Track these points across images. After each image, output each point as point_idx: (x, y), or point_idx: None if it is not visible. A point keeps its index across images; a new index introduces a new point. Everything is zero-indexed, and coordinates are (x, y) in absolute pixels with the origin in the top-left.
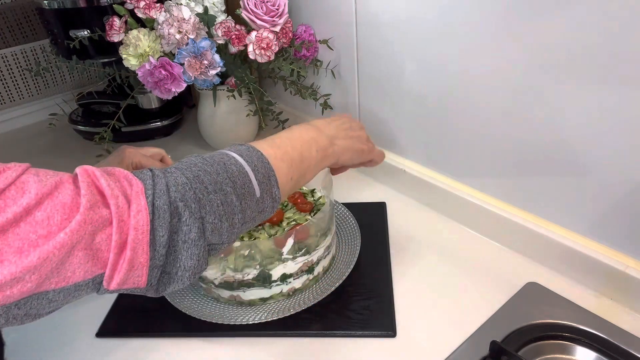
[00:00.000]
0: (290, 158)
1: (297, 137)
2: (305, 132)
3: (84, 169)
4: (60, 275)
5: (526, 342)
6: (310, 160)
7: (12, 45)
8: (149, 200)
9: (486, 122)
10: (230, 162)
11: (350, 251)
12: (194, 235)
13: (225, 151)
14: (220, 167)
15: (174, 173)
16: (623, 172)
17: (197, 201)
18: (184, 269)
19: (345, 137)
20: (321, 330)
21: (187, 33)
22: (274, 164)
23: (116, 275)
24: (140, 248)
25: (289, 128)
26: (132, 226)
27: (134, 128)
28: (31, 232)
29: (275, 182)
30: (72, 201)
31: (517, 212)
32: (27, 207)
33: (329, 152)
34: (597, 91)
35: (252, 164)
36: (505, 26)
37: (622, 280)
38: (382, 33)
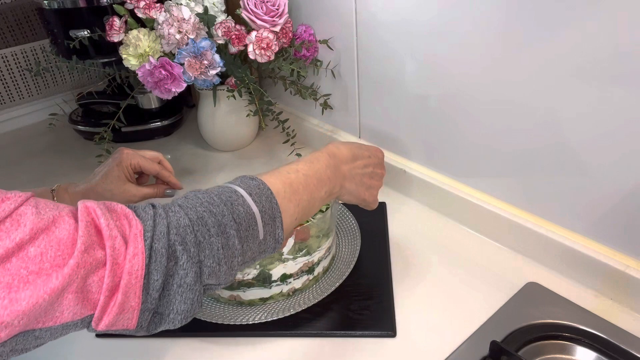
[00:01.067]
0: (299, 199)
1: (313, 174)
2: (325, 168)
3: (84, 206)
4: (49, 315)
5: (526, 342)
6: (317, 201)
7: (12, 45)
8: (147, 244)
9: (486, 122)
10: (238, 201)
11: (350, 251)
12: (190, 279)
13: (234, 187)
14: (226, 207)
15: (177, 213)
16: (623, 173)
17: (196, 245)
18: (177, 312)
19: (357, 183)
20: (321, 330)
21: (187, 33)
22: (282, 205)
23: (105, 317)
24: (132, 292)
25: (314, 156)
26: (126, 270)
27: (134, 128)
28: (22, 268)
29: (280, 223)
30: (68, 238)
31: (517, 212)
32: (21, 242)
33: (335, 193)
34: (598, 91)
35: (260, 205)
36: (506, 26)
37: (622, 280)
38: (382, 33)
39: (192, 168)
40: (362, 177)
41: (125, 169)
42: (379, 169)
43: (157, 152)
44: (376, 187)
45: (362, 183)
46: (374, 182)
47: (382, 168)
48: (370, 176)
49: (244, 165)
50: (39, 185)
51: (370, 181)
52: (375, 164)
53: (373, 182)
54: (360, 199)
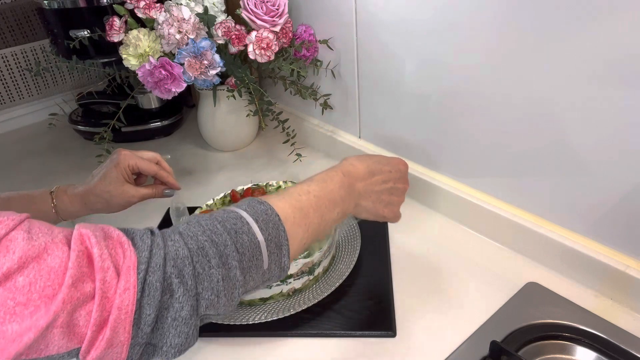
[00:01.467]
0: (309, 223)
1: (325, 195)
2: (338, 188)
3: (79, 233)
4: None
5: (526, 342)
6: (329, 223)
7: (12, 45)
8: (140, 277)
9: (486, 123)
10: (243, 229)
11: (350, 251)
12: (186, 313)
13: (240, 212)
14: (229, 237)
15: (177, 242)
16: (623, 173)
17: (195, 277)
18: (170, 346)
19: (375, 201)
20: (321, 330)
21: (187, 33)
22: (290, 231)
23: (93, 352)
24: (121, 328)
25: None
26: (116, 305)
27: (134, 128)
28: (9, 299)
29: (287, 251)
30: (60, 266)
31: (517, 212)
32: (8, 271)
33: (349, 213)
34: (598, 92)
35: (267, 232)
36: (506, 25)
37: (622, 280)
38: (382, 33)
39: (192, 168)
40: (379, 193)
41: (123, 170)
42: (400, 183)
43: (155, 153)
44: (397, 203)
45: (380, 200)
46: (394, 197)
47: (404, 182)
48: (389, 192)
49: (244, 165)
50: (39, 185)
51: (390, 197)
52: (396, 179)
53: (393, 198)
54: (378, 216)
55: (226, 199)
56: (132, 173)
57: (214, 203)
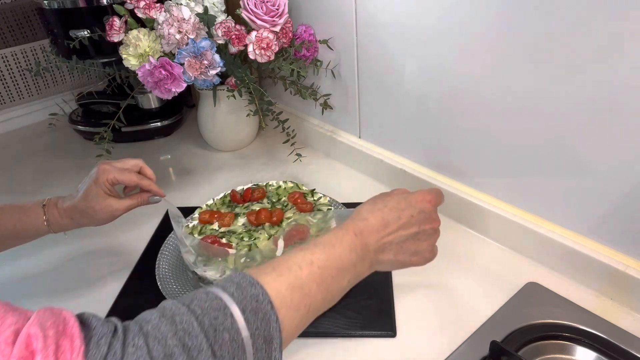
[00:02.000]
0: (311, 302)
1: (332, 264)
2: (348, 252)
3: (27, 334)
4: None
5: (526, 342)
6: (336, 294)
7: (12, 45)
8: None
9: (486, 122)
10: (225, 325)
11: None
12: None
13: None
14: (206, 337)
15: (139, 350)
16: (623, 173)
17: None
18: None
19: (397, 252)
20: (321, 330)
21: (187, 33)
22: (285, 317)
23: None
24: None
25: (336, 236)
26: None
27: (134, 128)
28: None
29: (278, 344)
30: None
31: (517, 212)
32: None
33: (364, 274)
34: (598, 91)
35: (254, 326)
36: (506, 25)
37: (622, 280)
38: (382, 33)
39: (192, 168)
40: (401, 244)
41: (102, 185)
42: (428, 224)
43: (138, 160)
44: (426, 248)
45: (404, 250)
46: (422, 243)
47: (431, 221)
48: (415, 238)
49: (244, 165)
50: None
51: (417, 244)
52: (422, 220)
53: (420, 243)
54: (405, 266)
55: (226, 199)
56: (113, 186)
57: (214, 203)
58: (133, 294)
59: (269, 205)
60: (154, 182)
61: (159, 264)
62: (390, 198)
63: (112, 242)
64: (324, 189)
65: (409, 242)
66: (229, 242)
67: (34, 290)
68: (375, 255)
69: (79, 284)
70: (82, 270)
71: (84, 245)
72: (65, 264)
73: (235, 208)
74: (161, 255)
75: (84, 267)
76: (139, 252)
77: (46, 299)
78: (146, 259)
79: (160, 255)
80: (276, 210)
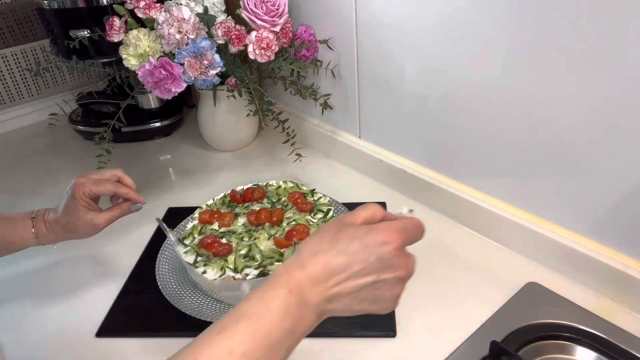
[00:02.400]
0: None
1: (258, 346)
2: (280, 321)
3: None
4: None
5: (526, 342)
6: None
7: (12, 45)
8: None
9: (486, 122)
10: None
11: None
12: None
13: None
14: None
15: None
16: (623, 173)
17: None
18: None
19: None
20: (321, 330)
21: (187, 33)
22: None
23: None
24: None
25: (264, 303)
26: None
27: (134, 128)
28: None
29: None
30: None
31: (517, 212)
32: None
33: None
34: (598, 91)
35: None
36: (506, 26)
37: (622, 280)
38: (382, 33)
39: (192, 168)
40: (355, 294)
41: (79, 200)
42: (390, 272)
43: (116, 170)
44: (390, 298)
45: (359, 300)
46: (383, 292)
47: (394, 269)
48: (372, 287)
49: (244, 165)
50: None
51: (375, 293)
52: (381, 268)
53: (380, 292)
54: (363, 313)
55: (226, 199)
56: (91, 199)
57: (214, 203)
58: (133, 294)
59: (269, 205)
60: (133, 190)
61: (158, 264)
62: (342, 236)
63: (112, 242)
64: (324, 189)
65: (365, 291)
66: (229, 242)
67: (34, 290)
68: (320, 307)
69: (79, 283)
70: (82, 270)
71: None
72: (65, 264)
73: (235, 208)
74: (161, 255)
75: (84, 266)
76: (139, 251)
77: (46, 299)
78: (146, 259)
79: (160, 255)
80: (276, 210)
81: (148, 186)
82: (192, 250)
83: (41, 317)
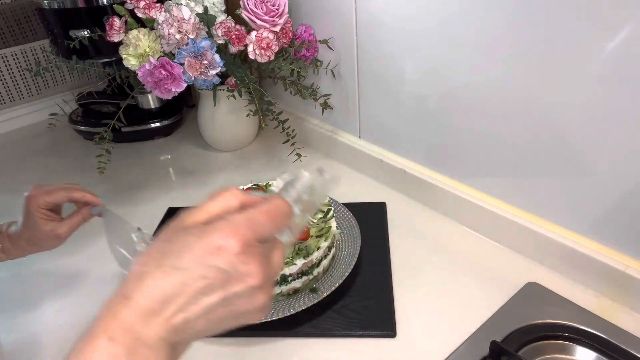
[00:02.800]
0: None
1: None
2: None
3: None
4: None
5: (526, 342)
6: None
7: (12, 45)
8: None
9: (486, 122)
10: None
11: (350, 251)
12: None
13: None
14: None
15: None
16: (623, 172)
17: None
18: None
19: (206, 326)
20: (321, 330)
21: (187, 33)
22: None
23: None
24: None
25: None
26: None
27: (134, 128)
28: None
29: None
30: None
31: (517, 212)
32: None
33: None
34: (598, 91)
35: None
36: (506, 26)
37: (622, 280)
38: (382, 33)
39: (192, 168)
40: (206, 316)
41: (35, 214)
42: (238, 283)
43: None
44: (252, 310)
45: (215, 321)
46: (241, 306)
47: (242, 278)
48: (224, 305)
49: (244, 165)
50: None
51: (231, 309)
52: (225, 281)
53: (238, 308)
54: (232, 327)
55: None
56: (49, 210)
57: None
58: None
59: None
60: (88, 193)
61: None
62: (172, 247)
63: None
64: None
65: (219, 311)
66: None
67: (34, 290)
68: (168, 340)
69: (79, 283)
70: (82, 270)
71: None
72: (65, 264)
73: None
74: None
75: (83, 266)
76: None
77: (46, 299)
78: None
79: None
80: None
81: (148, 186)
82: None
83: (41, 317)
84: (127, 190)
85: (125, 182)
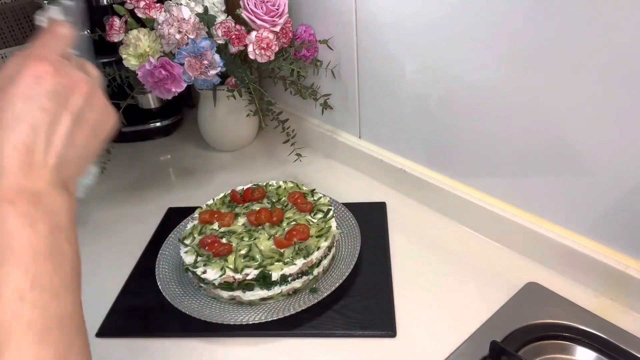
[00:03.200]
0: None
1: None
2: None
3: None
4: None
5: (526, 342)
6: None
7: (12, 45)
8: None
9: (486, 122)
10: None
11: (350, 251)
12: None
13: None
14: None
15: None
16: (623, 172)
17: None
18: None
19: (76, 149)
20: (321, 330)
21: (187, 33)
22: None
23: None
24: None
25: None
26: None
27: (134, 128)
28: None
29: None
30: None
31: (517, 212)
32: None
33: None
34: (598, 91)
35: None
36: (506, 26)
37: (622, 280)
38: (382, 33)
39: (192, 168)
40: (70, 143)
41: None
42: (76, 98)
43: None
44: (102, 113)
45: (82, 142)
46: (91, 117)
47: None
48: (78, 125)
49: (244, 165)
50: None
51: (86, 126)
52: (58, 97)
53: (89, 120)
54: (104, 142)
55: (226, 199)
56: None
57: (214, 203)
58: (133, 294)
59: (269, 205)
60: None
61: (158, 264)
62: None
63: (112, 242)
64: (324, 189)
65: (77, 133)
66: (229, 242)
67: None
68: (56, 181)
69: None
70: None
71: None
72: None
73: (235, 208)
74: (161, 256)
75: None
76: (138, 252)
77: None
78: (146, 259)
79: (160, 256)
80: (276, 210)
81: (148, 186)
82: (192, 250)
83: None
84: (127, 190)
85: (125, 181)
